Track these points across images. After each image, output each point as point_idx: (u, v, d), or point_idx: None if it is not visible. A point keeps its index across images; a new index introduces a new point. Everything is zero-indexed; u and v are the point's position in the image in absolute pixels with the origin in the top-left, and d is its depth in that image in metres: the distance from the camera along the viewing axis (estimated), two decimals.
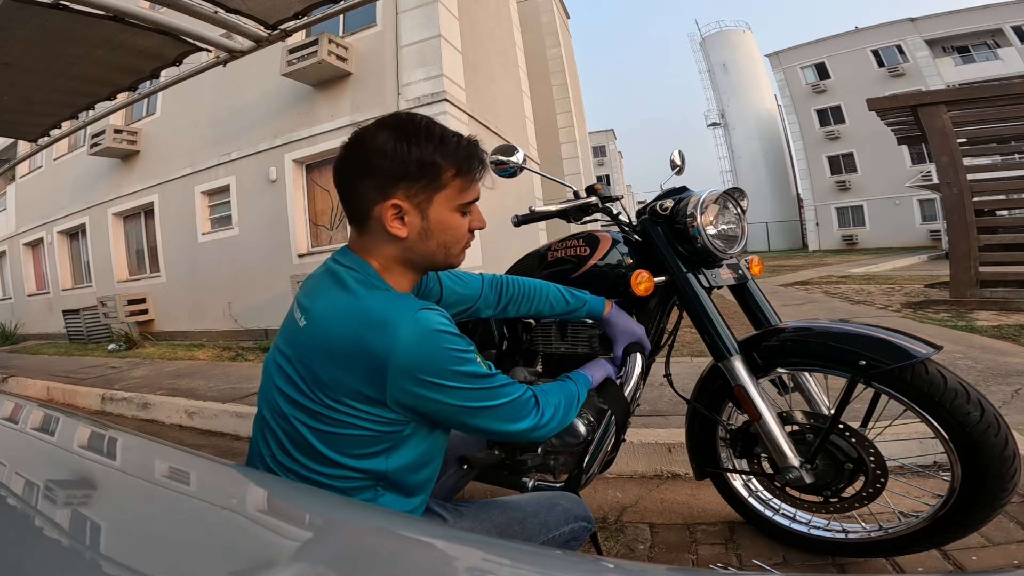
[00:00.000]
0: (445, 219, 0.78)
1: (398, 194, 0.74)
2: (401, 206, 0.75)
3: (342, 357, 0.68)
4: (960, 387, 1.01)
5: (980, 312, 4.35)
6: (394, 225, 0.75)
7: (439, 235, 0.78)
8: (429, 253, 0.79)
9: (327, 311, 0.71)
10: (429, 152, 0.74)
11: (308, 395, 0.70)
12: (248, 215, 7.31)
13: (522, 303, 1.16)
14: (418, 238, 0.77)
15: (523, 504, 0.91)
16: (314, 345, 0.70)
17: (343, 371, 0.68)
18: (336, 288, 0.74)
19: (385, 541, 0.39)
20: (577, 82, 16.38)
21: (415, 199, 0.75)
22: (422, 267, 0.82)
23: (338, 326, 0.69)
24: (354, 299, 0.71)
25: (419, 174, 0.74)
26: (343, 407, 0.69)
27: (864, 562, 1.26)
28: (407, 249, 0.78)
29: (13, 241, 11.41)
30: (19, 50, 2.57)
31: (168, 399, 3.51)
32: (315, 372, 0.69)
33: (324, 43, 6.09)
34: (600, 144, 38.96)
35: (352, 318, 0.69)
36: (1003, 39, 21.67)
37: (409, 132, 0.75)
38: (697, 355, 3.21)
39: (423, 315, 0.69)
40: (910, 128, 5.73)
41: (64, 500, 0.42)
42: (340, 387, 0.68)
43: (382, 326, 0.67)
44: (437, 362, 0.68)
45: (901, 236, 23.05)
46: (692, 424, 1.41)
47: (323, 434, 0.70)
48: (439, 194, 0.77)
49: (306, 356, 0.71)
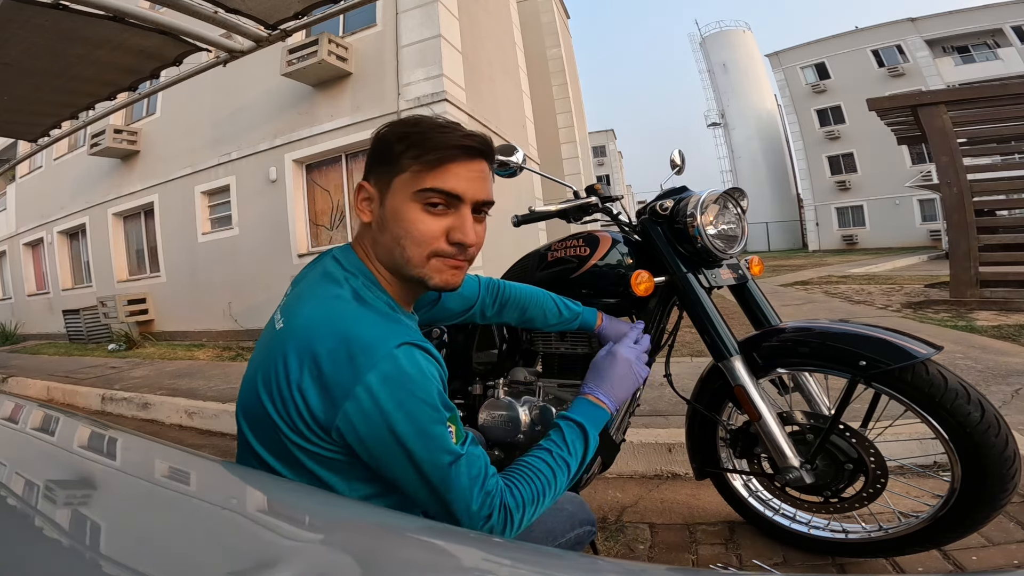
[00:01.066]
0: (398, 208, 0.68)
1: (369, 178, 0.72)
2: (366, 188, 0.72)
3: (303, 367, 0.60)
4: (960, 387, 1.01)
5: (980, 312, 4.35)
6: (361, 207, 0.72)
7: (392, 226, 0.69)
8: (388, 248, 0.70)
9: (305, 316, 0.65)
10: (392, 130, 0.70)
11: (266, 407, 0.63)
12: (248, 215, 7.31)
13: (517, 310, 1.14)
14: (378, 227, 0.71)
15: None
16: (283, 349, 0.63)
17: (302, 383, 0.60)
18: (328, 294, 0.68)
19: (386, 541, 0.39)
20: (577, 82, 16.37)
21: (379, 183, 0.71)
22: (391, 267, 0.71)
23: (308, 335, 0.62)
24: (332, 307, 0.65)
25: (382, 156, 0.70)
26: (292, 432, 0.62)
27: (864, 562, 1.26)
28: (374, 240, 0.72)
29: (13, 241, 11.42)
30: (19, 50, 2.57)
31: (168, 399, 3.51)
32: (276, 379, 0.62)
33: (324, 43, 6.09)
34: (600, 144, 38.96)
35: (330, 333, 0.61)
36: (1003, 39, 21.67)
37: (399, 121, 0.72)
38: (697, 355, 3.21)
39: (404, 351, 0.60)
40: (910, 128, 5.73)
41: (64, 500, 0.42)
42: (291, 401, 0.61)
43: (356, 351, 0.59)
44: (391, 408, 0.58)
45: (901, 236, 23.05)
46: (692, 424, 1.41)
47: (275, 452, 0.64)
48: (396, 178, 0.68)
49: (269, 359, 0.64)
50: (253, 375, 0.67)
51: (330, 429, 0.59)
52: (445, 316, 1.06)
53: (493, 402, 1.33)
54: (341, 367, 0.59)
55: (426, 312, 1.00)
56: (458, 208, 0.69)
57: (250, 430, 0.67)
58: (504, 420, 1.27)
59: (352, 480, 0.64)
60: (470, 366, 1.51)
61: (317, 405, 0.59)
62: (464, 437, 0.66)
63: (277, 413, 0.62)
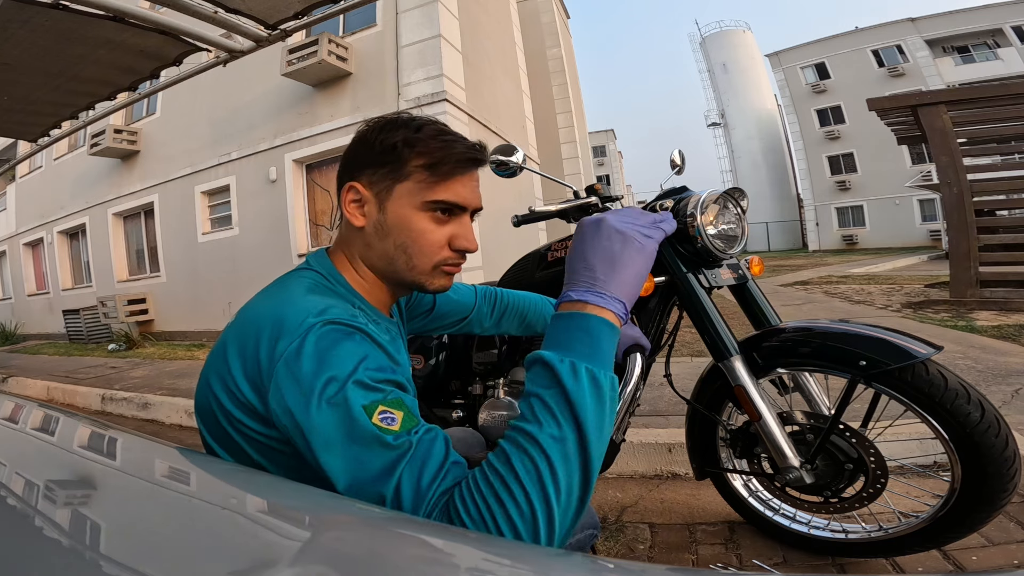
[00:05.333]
0: (404, 216, 0.67)
1: (361, 179, 0.69)
2: (359, 190, 0.68)
3: (238, 356, 0.58)
4: (960, 387, 1.01)
5: (980, 312, 4.35)
6: (350, 209, 0.69)
7: (396, 234, 0.68)
8: (387, 254, 0.69)
9: (252, 304, 0.64)
10: (398, 137, 0.67)
11: (212, 401, 0.61)
12: (248, 215, 7.31)
13: (516, 317, 1.12)
14: (375, 233, 0.69)
15: None
16: (226, 339, 0.62)
17: (240, 370, 0.58)
18: (280, 287, 0.66)
19: (386, 541, 0.39)
20: (577, 82, 16.38)
21: (375, 187, 0.68)
22: (386, 272, 0.71)
23: (248, 320, 0.61)
24: (276, 293, 0.64)
25: (381, 159, 0.68)
26: (239, 425, 0.59)
27: (864, 562, 1.26)
28: (366, 245, 0.70)
29: (13, 241, 11.42)
30: (19, 50, 2.57)
31: (168, 399, 3.51)
32: (219, 371, 0.60)
33: (324, 43, 6.10)
34: (600, 144, 39.00)
35: (265, 315, 0.59)
36: (1003, 39, 21.67)
37: (391, 122, 0.70)
38: (697, 355, 3.21)
39: (326, 329, 0.55)
40: (910, 128, 5.73)
41: (64, 500, 0.42)
42: (233, 391, 0.58)
43: (280, 332, 0.55)
44: (304, 389, 0.52)
45: (901, 236, 23.05)
46: (692, 424, 1.41)
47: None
48: (400, 184, 0.67)
49: (215, 353, 0.63)
50: (205, 371, 0.65)
51: (268, 417, 0.55)
52: (440, 326, 1.05)
53: (493, 402, 1.33)
54: (265, 349, 0.55)
55: (420, 322, 0.99)
56: (460, 216, 0.70)
57: (204, 425, 0.66)
58: (504, 420, 1.27)
59: (292, 471, 0.58)
60: (470, 366, 1.51)
61: (249, 392, 0.57)
62: (413, 426, 0.52)
63: (220, 405, 0.60)
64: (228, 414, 0.60)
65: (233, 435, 0.60)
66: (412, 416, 0.53)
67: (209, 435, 0.64)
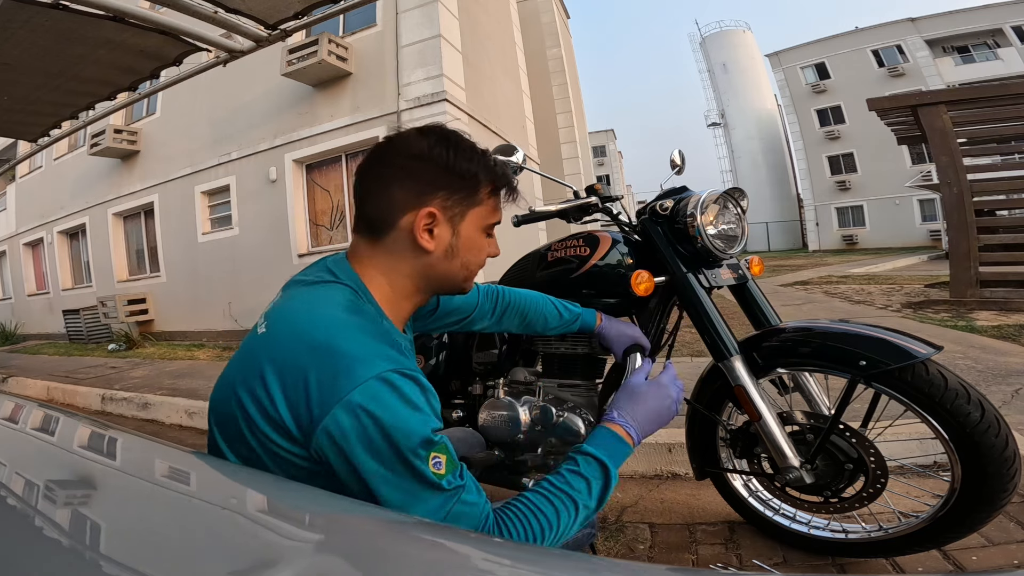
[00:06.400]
0: (474, 238, 0.73)
1: (434, 203, 0.68)
2: (436, 216, 0.68)
3: (279, 378, 0.58)
4: (960, 387, 1.01)
5: (980, 312, 4.35)
6: (423, 236, 0.68)
7: (464, 254, 0.72)
8: (450, 274, 0.73)
9: (292, 324, 0.62)
10: (473, 163, 0.70)
11: (239, 410, 0.61)
12: (248, 215, 7.31)
13: (517, 316, 1.13)
14: (443, 255, 0.71)
15: None
16: (262, 356, 0.61)
17: (282, 392, 0.58)
18: (317, 301, 0.65)
19: (386, 541, 0.39)
20: (577, 82, 16.38)
21: (450, 211, 0.69)
22: (434, 289, 0.75)
23: (293, 344, 0.60)
24: (320, 319, 0.62)
25: (459, 184, 0.69)
26: (263, 437, 0.59)
27: (864, 562, 1.26)
28: (427, 266, 0.70)
29: (13, 241, 11.42)
30: (19, 50, 2.57)
31: (168, 399, 3.51)
32: (254, 385, 0.60)
33: (324, 43, 6.09)
34: (600, 144, 38.98)
35: (314, 347, 0.58)
36: (1003, 39, 21.67)
37: (453, 141, 0.71)
38: (697, 355, 3.21)
39: (392, 377, 0.57)
40: (910, 128, 5.73)
41: (64, 500, 0.42)
42: (268, 408, 0.59)
43: (335, 371, 0.56)
44: (365, 446, 0.56)
45: (901, 236, 23.05)
46: (692, 424, 1.41)
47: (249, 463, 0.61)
48: (473, 209, 0.72)
49: (250, 364, 0.62)
50: (231, 377, 0.65)
51: (307, 443, 0.57)
52: (442, 324, 1.05)
53: (493, 402, 1.33)
54: (324, 384, 0.56)
55: (424, 322, 1.00)
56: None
57: (218, 429, 0.65)
58: (504, 420, 1.27)
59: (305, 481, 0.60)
60: (470, 366, 1.51)
61: (294, 417, 0.57)
62: (457, 468, 0.61)
63: (248, 417, 0.60)
64: (253, 425, 0.60)
65: (252, 443, 0.60)
66: (453, 459, 0.61)
67: (222, 437, 0.64)
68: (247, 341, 0.68)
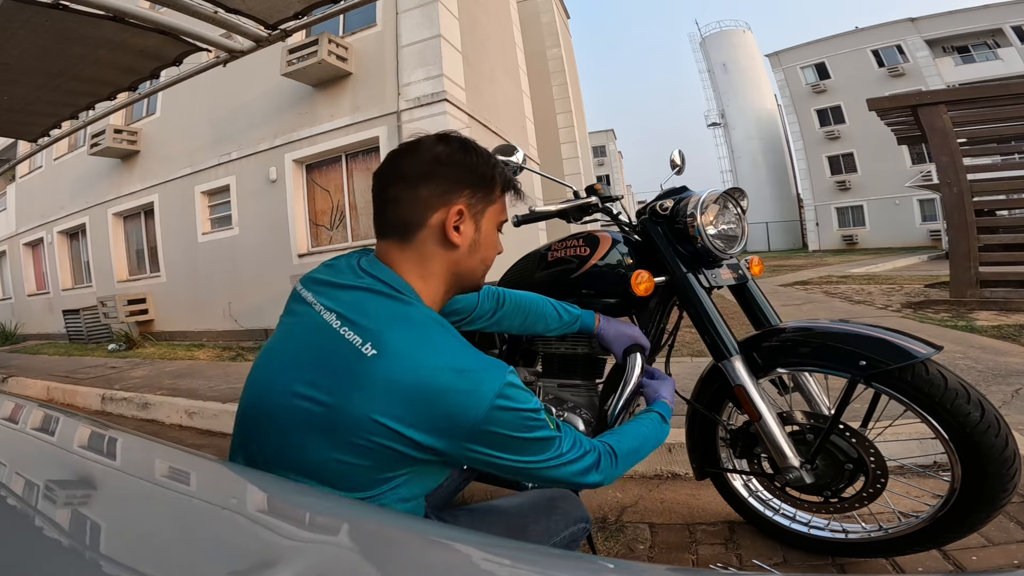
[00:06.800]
0: (491, 233, 0.80)
1: (461, 200, 0.74)
2: (464, 212, 0.74)
3: (412, 403, 0.62)
4: (960, 387, 1.01)
5: (980, 312, 4.35)
6: (453, 233, 0.73)
7: (483, 250, 0.79)
8: (472, 269, 0.78)
9: (409, 350, 0.64)
10: (488, 165, 0.77)
11: (331, 427, 0.64)
12: (248, 215, 7.31)
13: (516, 316, 1.14)
14: (467, 251, 0.76)
15: (524, 510, 0.90)
16: (383, 381, 0.62)
17: (405, 415, 0.62)
18: (405, 320, 0.68)
19: (386, 541, 0.39)
20: (577, 82, 16.38)
21: (473, 208, 0.75)
22: (457, 286, 0.79)
23: (422, 371, 0.63)
24: (435, 342, 0.66)
25: (480, 184, 0.76)
26: (370, 443, 0.63)
27: (864, 562, 1.26)
28: (454, 262, 0.75)
29: (13, 241, 11.42)
30: (19, 50, 2.57)
31: (168, 399, 3.51)
32: (357, 406, 0.62)
33: (324, 43, 6.09)
34: (600, 144, 38.99)
35: (443, 369, 0.63)
36: (1003, 39, 21.67)
37: (471, 146, 0.77)
38: (697, 355, 3.21)
39: (511, 378, 0.66)
40: (910, 128, 5.73)
41: (64, 500, 0.42)
42: (382, 428, 0.62)
43: (472, 385, 0.63)
44: (514, 429, 0.66)
45: (901, 236, 23.05)
46: (692, 424, 1.41)
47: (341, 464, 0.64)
48: (491, 207, 0.78)
49: (359, 388, 0.63)
50: (282, 382, 0.67)
51: (442, 451, 0.64)
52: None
53: None
54: (459, 401, 0.63)
55: None
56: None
57: (267, 419, 0.68)
58: None
59: (391, 468, 0.65)
60: None
61: (430, 435, 0.62)
62: (556, 423, 0.74)
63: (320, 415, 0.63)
64: (329, 426, 0.63)
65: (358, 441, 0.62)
66: (550, 416, 0.73)
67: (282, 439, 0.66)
68: (335, 352, 0.66)
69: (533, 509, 0.91)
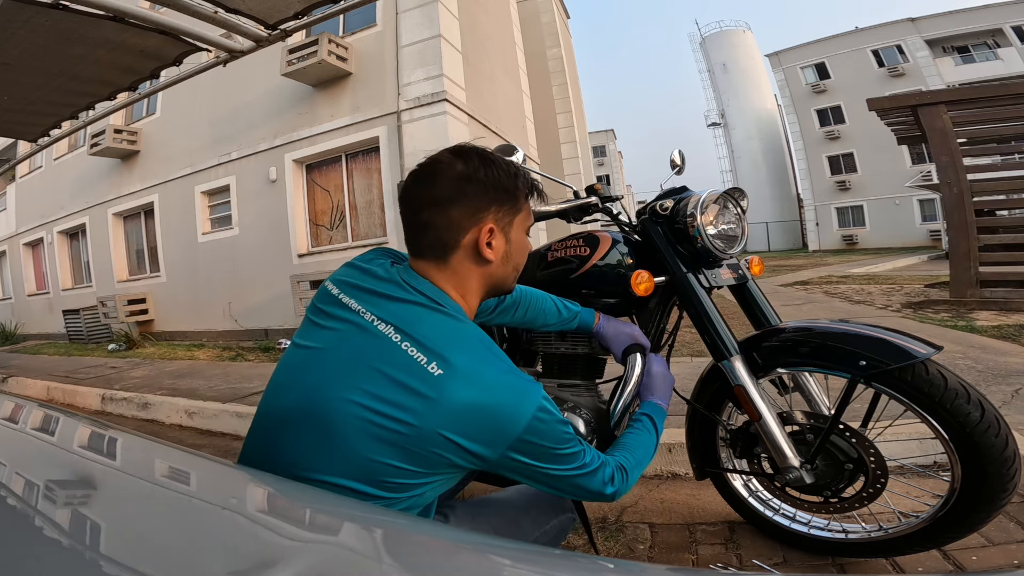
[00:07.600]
0: (521, 240, 0.82)
1: (490, 217, 0.76)
2: (494, 229, 0.76)
3: (475, 418, 0.66)
4: (960, 387, 1.01)
5: (980, 312, 4.35)
6: (487, 250, 0.76)
7: (516, 257, 0.82)
8: (505, 277, 0.81)
9: (479, 370, 0.68)
10: (509, 175, 0.78)
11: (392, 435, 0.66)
12: (248, 215, 7.31)
13: (517, 310, 1.15)
14: (500, 262, 0.79)
15: (514, 501, 0.94)
16: (449, 400, 0.65)
17: (469, 429, 0.66)
18: (461, 339, 0.71)
19: (386, 541, 0.39)
20: (577, 82, 16.38)
21: (502, 222, 0.77)
22: (493, 292, 0.83)
23: (482, 389, 0.67)
24: (488, 360, 0.70)
25: (505, 198, 0.77)
26: (430, 453, 0.66)
27: (864, 562, 1.26)
28: (488, 275, 0.79)
29: (13, 241, 11.42)
30: (19, 50, 2.57)
31: (168, 399, 3.51)
32: (427, 422, 0.65)
33: (324, 43, 6.09)
34: (600, 144, 38.99)
35: (497, 387, 0.68)
36: (1003, 39, 21.67)
37: (485, 158, 0.77)
38: (697, 355, 3.21)
39: (544, 393, 0.72)
40: (910, 128, 5.73)
41: (64, 500, 0.42)
42: (448, 443, 0.65)
43: (517, 398, 0.68)
44: (550, 440, 0.71)
45: (901, 236, 23.05)
46: (692, 424, 1.41)
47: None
48: (518, 216, 0.80)
49: (427, 405, 0.66)
50: (339, 391, 0.68)
51: (488, 459, 0.68)
52: None
53: None
54: (513, 416, 0.67)
55: None
56: None
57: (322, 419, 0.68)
58: None
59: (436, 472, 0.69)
60: None
61: (484, 446, 0.67)
62: (579, 439, 0.77)
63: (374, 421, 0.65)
64: (395, 437, 0.65)
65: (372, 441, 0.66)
66: (573, 430, 0.77)
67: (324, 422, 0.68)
68: (398, 364, 0.68)
69: (523, 500, 0.95)
